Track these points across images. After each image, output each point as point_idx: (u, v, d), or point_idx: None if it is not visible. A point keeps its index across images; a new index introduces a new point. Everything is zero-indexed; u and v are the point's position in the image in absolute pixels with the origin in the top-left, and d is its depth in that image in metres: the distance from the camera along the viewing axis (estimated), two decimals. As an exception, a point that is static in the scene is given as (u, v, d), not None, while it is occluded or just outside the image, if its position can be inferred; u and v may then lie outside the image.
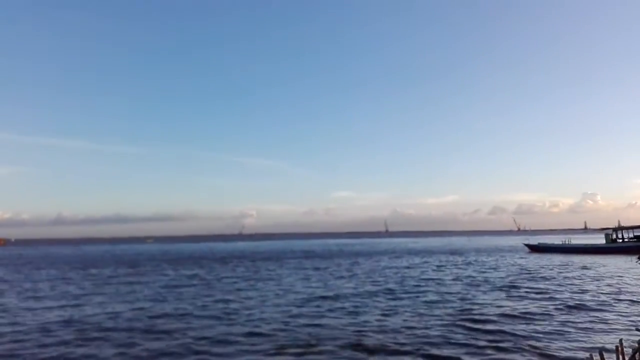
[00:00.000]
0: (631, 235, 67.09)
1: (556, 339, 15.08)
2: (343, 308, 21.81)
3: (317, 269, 45.79)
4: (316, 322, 18.54)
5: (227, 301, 24.67)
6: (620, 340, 10.19)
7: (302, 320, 18.87)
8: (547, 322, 17.86)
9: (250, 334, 16.59)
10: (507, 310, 20.44)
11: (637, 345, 9.66)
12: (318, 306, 22.41)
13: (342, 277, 36.60)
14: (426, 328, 17.05)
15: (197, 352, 14.48)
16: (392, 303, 23.14)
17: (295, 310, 21.22)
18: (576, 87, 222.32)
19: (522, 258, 58.70)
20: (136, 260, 67.36)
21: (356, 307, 22.05)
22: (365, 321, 18.52)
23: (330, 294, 26.80)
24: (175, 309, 22.51)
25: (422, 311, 20.65)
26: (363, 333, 16.39)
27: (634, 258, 51.04)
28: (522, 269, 42.13)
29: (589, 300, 23.05)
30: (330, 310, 21.17)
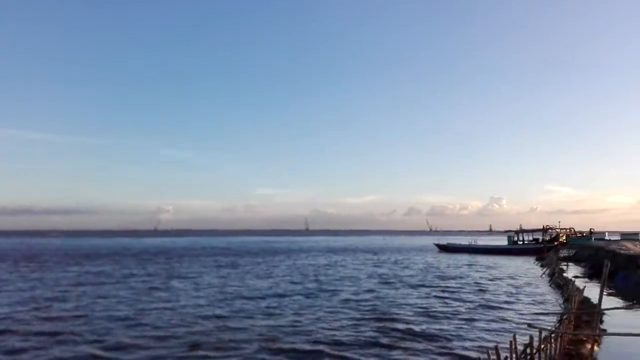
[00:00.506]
0: (530, 237, 72.84)
1: (459, 337, 15.91)
2: (258, 308, 21.61)
3: (235, 267, 45.14)
4: (230, 323, 18.18)
5: (135, 301, 23.52)
6: (514, 335, 10.92)
7: (215, 322, 18.42)
8: (451, 320, 18.83)
9: (158, 338, 15.88)
10: (416, 309, 21.34)
11: (529, 340, 10.38)
12: (233, 306, 22.03)
13: (259, 276, 36.34)
14: (337, 329, 17.28)
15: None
16: (308, 302, 23.31)
17: (208, 311, 20.69)
18: (485, 98, 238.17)
19: (432, 257, 61.70)
20: (37, 255, 62.56)
21: (272, 306, 21.94)
22: (280, 321, 18.48)
23: (247, 293, 26.48)
24: (76, 308, 21.11)
25: (336, 310, 20.98)
26: (277, 333, 16.31)
27: (532, 259, 55.38)
28: (431, 268, 44.29)
29: (490, 299, 24.61)
30: (245, 310, 20.88)
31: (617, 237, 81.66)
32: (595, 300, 19.44)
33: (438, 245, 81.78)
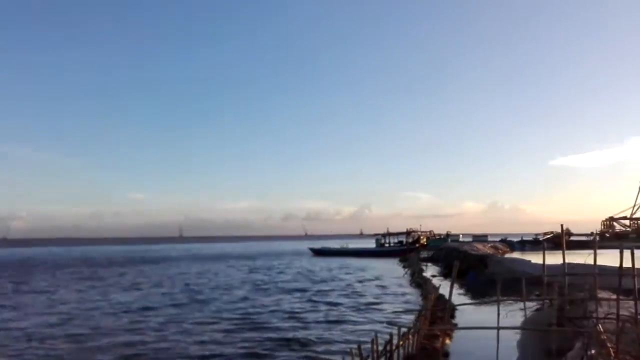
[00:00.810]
0: (395, 240, 77.95)
1: (328, 340, 16.32)
2: (120, 323, 20.04)
3: (97, 279, 41.53)
4: (86, 342, 16.58)
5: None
6: (375, 334, 11.49)
7: (68, 342, 16.67)
8: (322, 324, 19.27)
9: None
10: (290, 314, 21.49)
11: (389, 337, 10.97)
12: (90, 323, 20.13)
13: (124, 288, 33.88)
14: (207, 342, 16.63)
15: None
16: (177, 314, 22.21)
17: (60, 330, 18.66)
18: (353, 109, 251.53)
19: (307, 262, 63.03)
20: None
21: (136, 321, 20.48)
22: (145, 337, 17.32)
23: (108, 308, 24.47)
24: None
25: (207, 321, 20.28)
26: (139, 351, 15.24)
27: (397, 260, 59.15)
28: (305, 272, 45.20)
29: (359, 301, 25.72)
30: (104, 327, 19.19)
31: (470, 239, 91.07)
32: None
33: (312, 250, 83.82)
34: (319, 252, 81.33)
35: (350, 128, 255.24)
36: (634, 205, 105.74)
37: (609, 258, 14.98)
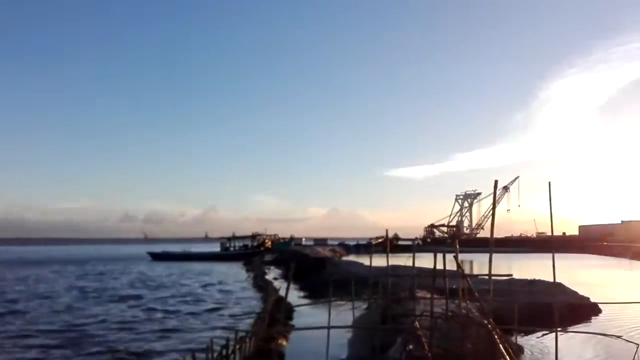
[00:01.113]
0: (241, 244, 77.86)
1: (158, 348, 15.51)
2: None
3: None
4: None
5: None
6: (211, 339, 11.24)
7: None
8: (159, 333, 18.23)
9: None
10: (122, 324, 19.90)
11: (225, 342, 10.83)
12: None
13: None
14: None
15: None
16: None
17: None
18: (197, 115, 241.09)
19: (145, 267, 59.46)
20: None
21: None
22: None
23: None
24: None
25: (19, 333, 17.81)
26: None
27: (242, 264, 59.10)
28: (142, 278, 42.55)
29: (199, 306, 24.99)
30: None
31: (312, 243, 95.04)
32: (289, 299, 21.89)
33: (151, 254, 79.21)
34: (159, 257, 77.21)
35: (198, 129, 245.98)
36: (450, 214, 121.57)
37: (428, 261, 16.80)
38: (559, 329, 11.60)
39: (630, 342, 10.99)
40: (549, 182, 10.96)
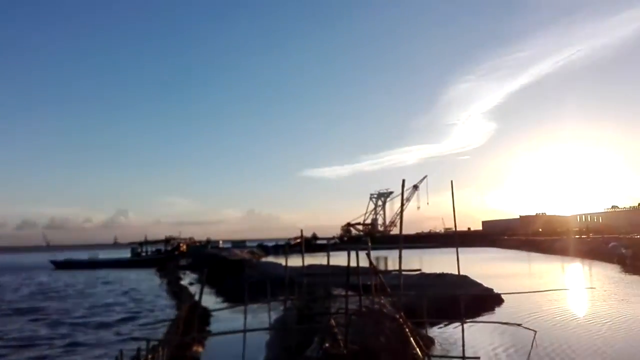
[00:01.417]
0: (153, 249, 74.70)
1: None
2: None
3: None
4: None
5: None
6: (120, 350, 10.63)
7: None
8: (59, 348, 16.95)
9: None
10: (17, 341, 18.26)
11: (136, 352, 10.30)
12: None
13: None
14: None
15: None
16: None
17: None
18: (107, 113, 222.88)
19: (46, 276, 55.14)
20: None
21: None
22: None
23: None
24: None
25: None
26: None
27: (155, 270, 56.65)
28: (44, 289, 39.39)
29: (107, 316, 23.58)
30: None
31: (229, 245, 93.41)
32: (207, 304, 21.31)
33: (54, 262, 73.65)
34: (63, 265, 71.91)
35: (103, 127, 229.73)
36: (366, 213, 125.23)
37: (344, 259, 17.11)
38: (465, 319, 12.36)
39: (529, 329, 11.95)
40: (451, 181, 11.70)
